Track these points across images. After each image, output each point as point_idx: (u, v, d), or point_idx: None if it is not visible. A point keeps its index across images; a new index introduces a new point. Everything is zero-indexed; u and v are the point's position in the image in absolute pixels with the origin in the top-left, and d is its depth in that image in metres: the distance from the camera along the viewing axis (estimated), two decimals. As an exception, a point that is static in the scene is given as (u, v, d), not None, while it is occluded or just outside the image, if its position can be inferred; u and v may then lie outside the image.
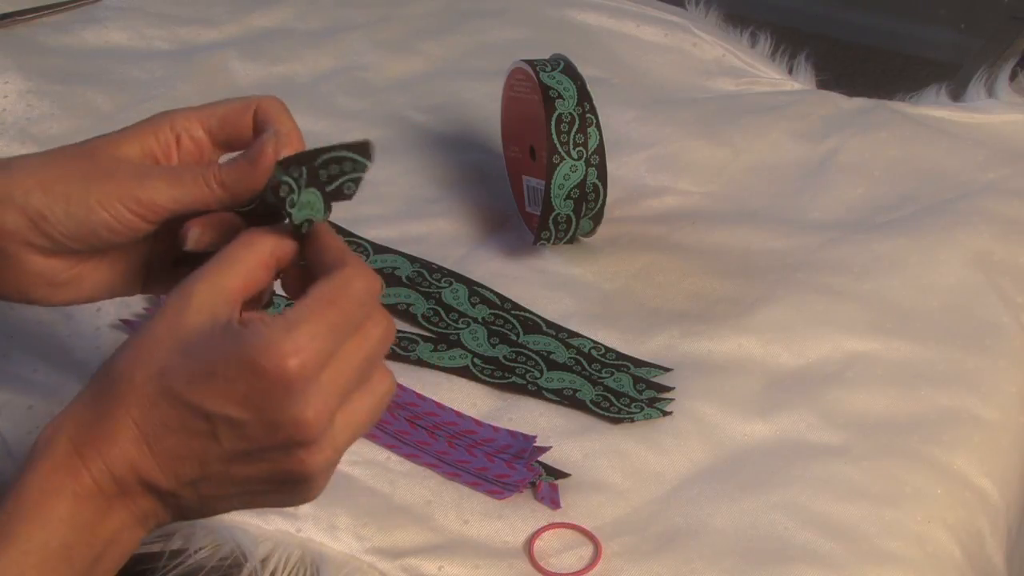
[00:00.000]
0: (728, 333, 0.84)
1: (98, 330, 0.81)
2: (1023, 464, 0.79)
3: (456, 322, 0.84)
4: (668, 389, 0.80)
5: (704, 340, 0.83)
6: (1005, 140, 1.01)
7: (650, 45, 1.14)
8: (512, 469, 0.73)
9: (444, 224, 0.93)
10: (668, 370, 0.81)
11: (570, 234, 0.87)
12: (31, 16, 1.12)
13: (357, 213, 0.93)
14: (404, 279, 0.87)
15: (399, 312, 0.84)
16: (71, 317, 0.81)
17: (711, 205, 0.96)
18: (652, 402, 0.79)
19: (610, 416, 0.78)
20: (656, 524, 0.72)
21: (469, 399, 0.79)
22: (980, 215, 0.93)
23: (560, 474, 0.74)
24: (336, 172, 0.56)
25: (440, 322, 0.84)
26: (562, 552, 0.70)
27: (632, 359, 0.82)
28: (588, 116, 0.84)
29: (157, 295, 0.75)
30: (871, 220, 0.94)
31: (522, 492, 0.73)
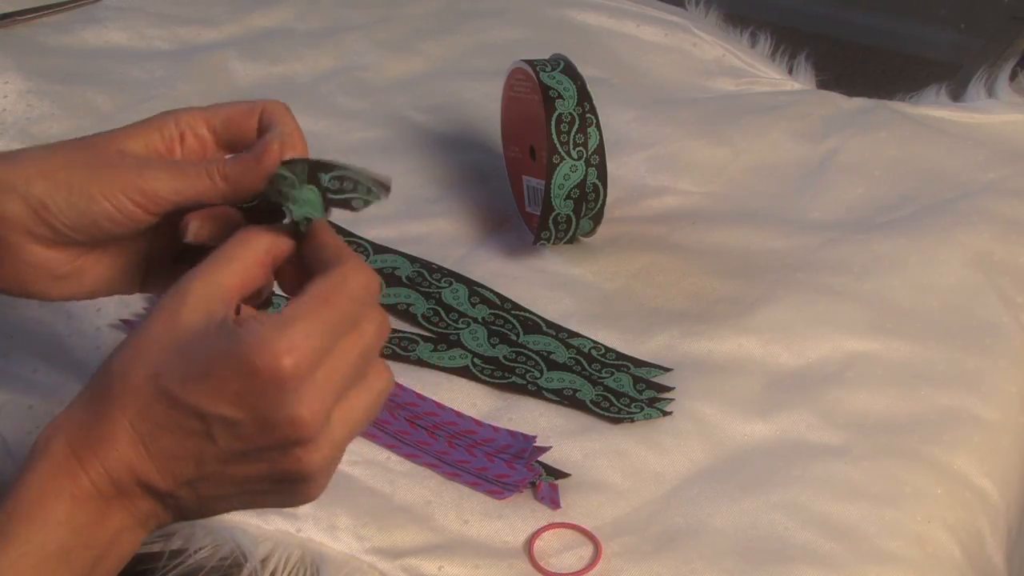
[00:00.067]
0: (728, 333, 0.84)
1: (98, 330, 0.81)
2: (1023, 464, 0.79)
3: (456, 322, 0.84)
4: (668, 389, 0.80)
5: (704, 340, 0.83)
6: (1005, 140, 1.01)
7: (650, 45, 1.14)
8: (512, 469, 0.73)
9: (444, 224, 0.93)
10: (668, 370, 0.81)
11: (570, 234, 0.87)
12: (31, 16, 1.12)
13: (357, 213, 0.93)
14: (404, 279, 0.87)
15: (399, 312, 0.84)
16: (71, 317, 0.81)
17: (711, 205, 0.96)
18: (652, 402, 0.79)
19: (610, 416, 0.78)
20: (656, 524, 0.72)
21: (469, 399, 0.79)
22: (980, 215, 0.93)
23: (560, 474, 0.74)
24: (350, 188, 0.57)
25: (440, 322, 0.84)
26: (562, 552, 0.70)
27: (632, 359, 0.82)
28: (588, 116, 0.84)
29: (156, 293, 0.75)
30: (871, 220, 0.94)
31: (522, 492, 0.73)
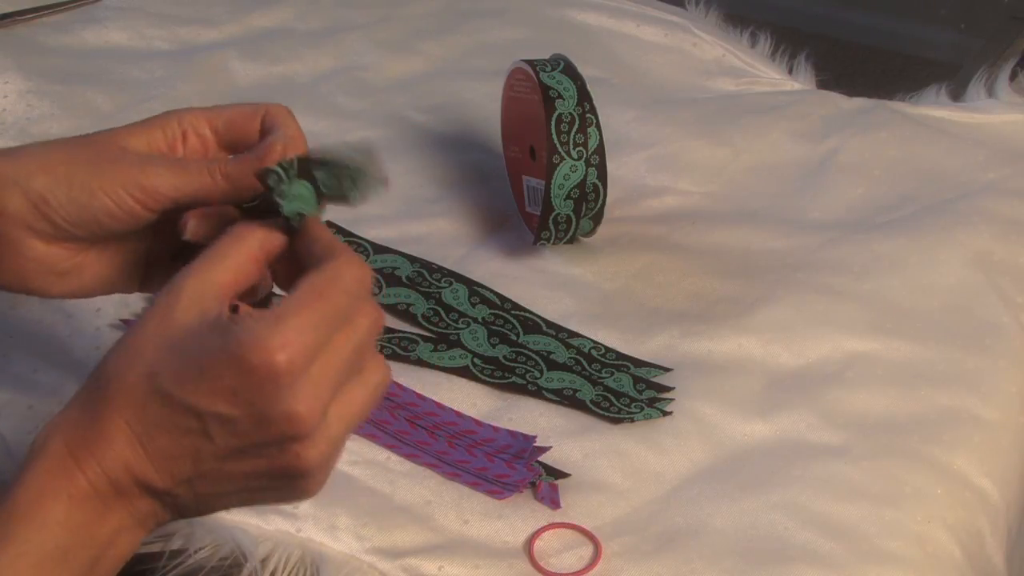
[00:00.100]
0: (728, 333, 0.84)
1: (98, 330, 0.81)
2: (1023, 464, 0.79)
3: (456, 322, 0.84)
4: (668, 389, 0.80)
5: (704, 340, 0.83)
6: (1005, 140, 1.01)
7: (650, 45, 1.14)
8: (512, 469, 0.73)
9: (444, 224, 0.93)
10: (668, 370, 0.81)
11: (570, 234, 0.87)
12: (31, 16, 1.12)
13: (357, 213, 0.92)
14: (404, 279, 0.87)
15: (399, 312, 0.84)
16: (71, 317, 0.81)
17: (711, 205, 0.96)
18: (652, 402, 0.79)
19: (610, 416, 0.78)
20: (656, 524, 0.72)
21: (469, 399, 0.79)
22: (980, 215, 0.93)
23: (560, 474, 0.74)
24: (345, 182, 0.56)
25: (440, 322, 0.84)
26: (562, 552, 0.70)
27: (632, 359, 0.82)
28: (588, 116, 0.84)
29: (156, 293, 0.75)
30: (871, 220, 0.94)
31: (522, 492, 0.73)
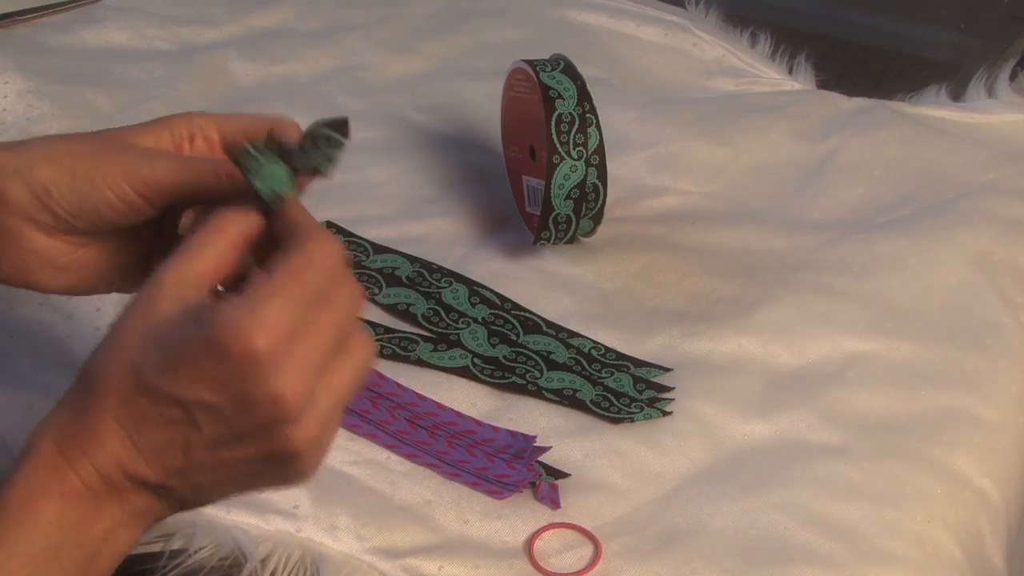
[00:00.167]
0: (728, 333, 0.84)
1: (98, 330, 0.80)
2: (1023, 464, 0.79)
3: (456, 322, 0.84)
4: (668, 389, 0.80)
5: (704, 340, 0.83)
6: (1005, 140, 1.01)
7: (650, 45, 1.14)
8: (512, 469, 0.73)
9: (444, 224, 0.93)
10: (668, 370, 0.81)
11: (570, 234, 0.87)
12: (31, 16, 1.12)
13: (357, 213, 0.93)
14: (404, 279, 0.87)
15: (399, 312, 0.84)
16: (71, 317, 0.81)
17: (711, 205, 0.96)
18: (652, 402, 0.79)
19: (610, 416, 0.78)
20: (656, 524, 0.72)
21: (469, 399, 0.79)
22: (980, 215, 0.93)
23: (560, 474, 0.74)
24: (314, 151, 0.56)
25: (440, 322, 0.84)
26: (562, 552, 0.70)
27: (632, 359, 0.82)
28: (588, 116, 0.84)
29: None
30: (871, 220, 0.94)
31: (522, 492, 0.73)
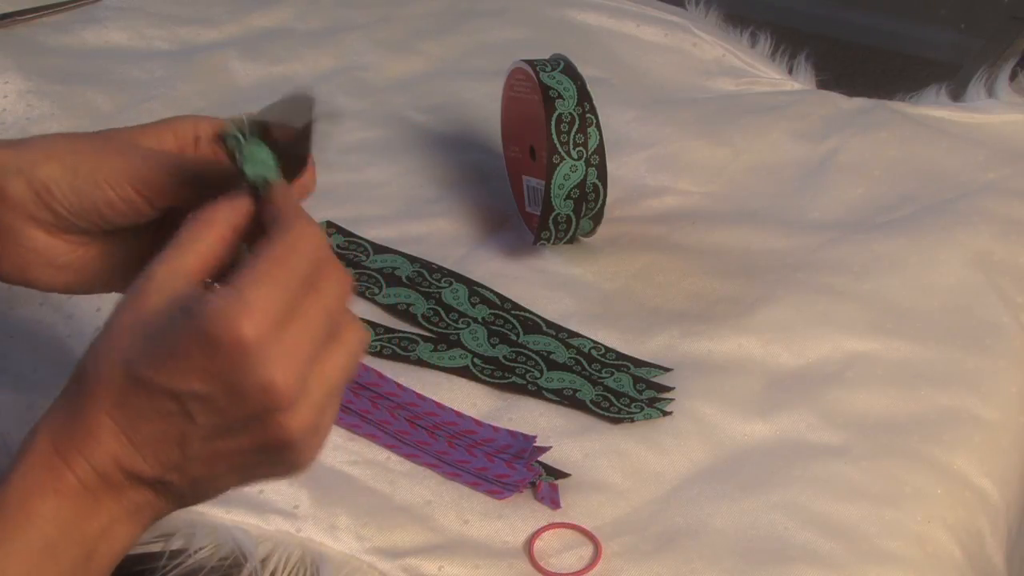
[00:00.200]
0: (728, 333, 0.84)
1: (98, 330, 0.80)
2: (1023, 464, 0.79)
3: (456, 322, 0.84)
4: (668, 389, 0.80)
5: (704, 340, 0.83)
6: (1005, 140, 1.01)
7: (650, 45, 1.14)
8: (512, 469, 0.73)
9: (444, 224, 0.93)
10: (668, 370, 0.81)
11: (570, 234, 0.87)
12: (31, 16, 1.12)
13: (357, 213, 0.93)
14: (404, 279, 0.87)
15: (399, 312, 0.84)
16: (71, 317, 0.81)
17: (711, 205, 0.96)
18: (652, 402, 0.79)
19: (610, 416, 0.78)
20: (656, 524, 0.72)
21: (469, 399, 0.79)
22: (980, 215, 0.93)
23: (560, 474, 0.74)
24: (286, 129, 0.55)
25: (440, 322, 0.84)
26: (562, 552, 0.70)
27: (632, 359, 0.82)
28: (588, 116, 0.84)
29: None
30: (871, 220, 0.94)
31: (522, 492, 0.73)
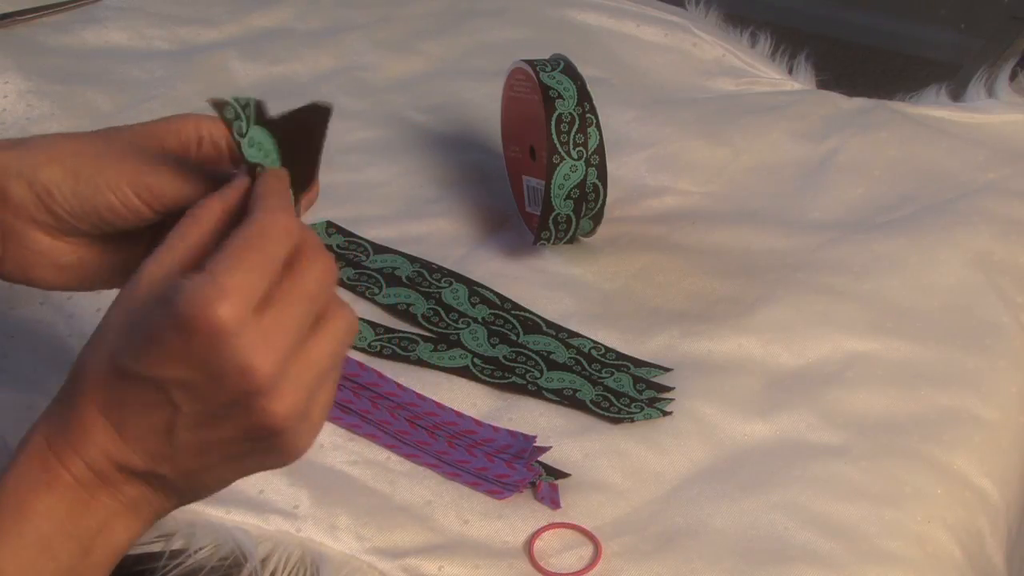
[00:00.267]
0: (728, 333, 0.84)
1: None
2: (1023, 464, 0.79)
3: (456, 322, 0.84)
4: (668, 389, 0.80)
5: (704, 340, 0.83)
6: (1005, 140, 1.01)
7: (650, 45, 1.14)
8: (512, 469, 0.73)
9: (444, 224, 0.93)
10: (668, 370, 0.81)
11: (570, 234, 0.87)
12: (31, 16, 1.12)
13: (357, 213, 0.93)
14: (404, 279, 0.87)
15: (399, 312, 0.84)
16: (71, 317, 0.81)
17: (711, 205, 0.96)
18: (652, 402, 0.79)
19: (610, 416, 0.78)
20: (656, 524, 0.72)
21: (469, 399, 0.79)
22: (980, 215, 0.93)
23: (560, 474, 0.74)
24: (296, 130, 0.56)
25: (440, 322, 0.84)
26: (562, 552, 0.70)
27: (632, 359, 0.82)
28: (588, 116, 0.84)
29: None
30: (871, 220, 0.94)
31: (522, 492, 0.73)
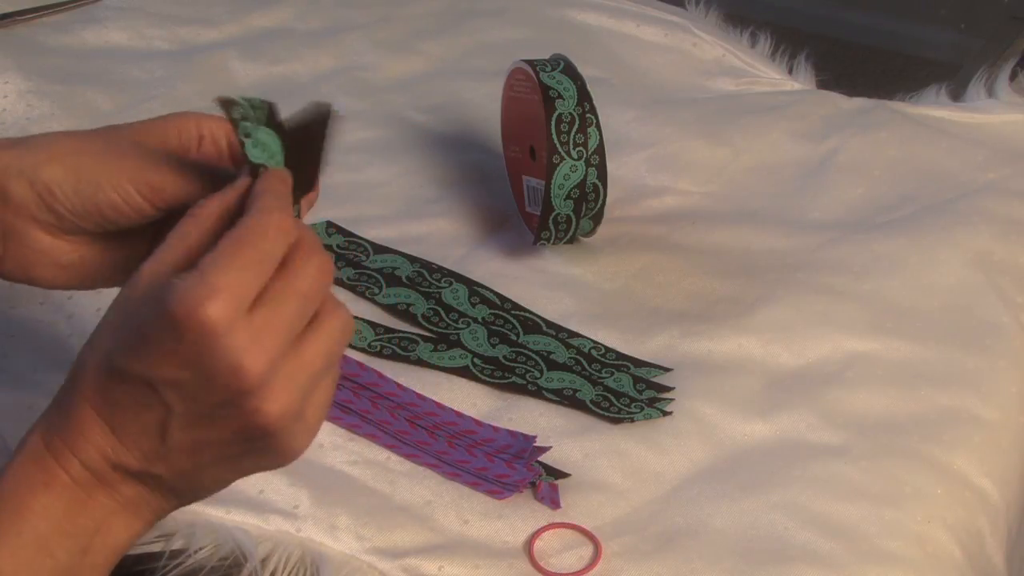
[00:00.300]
0: (728, 333, 0.84)
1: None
2: (1023, 464, 0.79)
3: (456, 322, 0.84)
4: (668, 389, 0.80)
5: (704, 340, 0.83)
6: (1005, 140, 1.01)
7: (650, 45, 1.14)
8: (512, 469, 0.73)
9: (444, 224, 0.93)
10: (668, 370, 0.81)
11: (570, 234, 0.87)
12: (31, 16, 1.12)
13: (357, 213, 0.93)
14: (404, 279, 0.87)
15: (399, 312, 0.84)
16: (71, 317, 0.81)
17: (711, 205, 0.96)
18: (652, 402, 0.79)
19: (610, 416, 0.78)
20: (656, 524, 0.72)
21: (469, 399, 0.79)
22: (980, 215, 0.93)
23: (560, 474, 0.74)
24: (302, 135, 0.56)
25: (440, 322, 0.84)
26: (562, 552, 0.70)
27: (632, 359, 0.82)
28: (588, 116, 0.84)
29: None
30: (871, 220, 0.94)
31: (522, 492, 0.73)
